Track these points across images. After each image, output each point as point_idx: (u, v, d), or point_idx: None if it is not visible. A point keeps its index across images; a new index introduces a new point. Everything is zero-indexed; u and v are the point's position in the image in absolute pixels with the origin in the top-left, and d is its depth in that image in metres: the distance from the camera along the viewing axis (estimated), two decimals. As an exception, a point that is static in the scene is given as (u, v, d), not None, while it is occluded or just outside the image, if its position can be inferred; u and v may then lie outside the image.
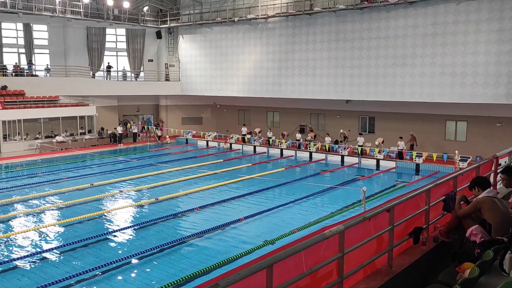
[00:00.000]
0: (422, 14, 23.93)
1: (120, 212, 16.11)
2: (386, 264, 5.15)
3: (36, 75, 32.43)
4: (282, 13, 29.39)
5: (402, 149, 25.26)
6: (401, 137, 25.56)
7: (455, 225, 5.85)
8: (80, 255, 11.94)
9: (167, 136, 34.36)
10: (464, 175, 6.93)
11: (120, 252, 12.23)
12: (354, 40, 26.67)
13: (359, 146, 26.60)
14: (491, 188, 5.75)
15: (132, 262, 11.46)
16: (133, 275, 10.86)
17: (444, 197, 6.21)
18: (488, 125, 24.10)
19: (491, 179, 7.52)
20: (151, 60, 37.04)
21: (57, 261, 11.60)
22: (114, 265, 11.15)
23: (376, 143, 26.47)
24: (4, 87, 29.74)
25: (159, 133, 34.18)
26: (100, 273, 10.69)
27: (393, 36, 25.12)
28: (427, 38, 23.91)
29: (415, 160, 24.23)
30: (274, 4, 30.00)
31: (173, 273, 10.58)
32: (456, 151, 23.21)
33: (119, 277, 10.68)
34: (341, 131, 28.58)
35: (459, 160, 22.62)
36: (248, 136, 32.10)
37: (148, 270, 11.09)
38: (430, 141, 25.86)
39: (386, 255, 5.13)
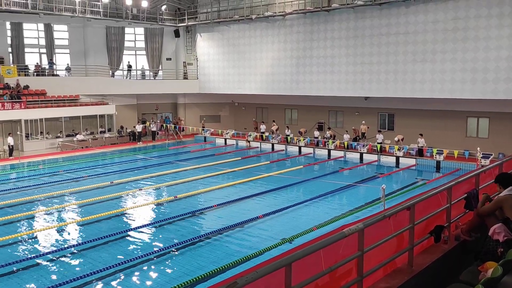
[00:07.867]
0: (443, 9, 23.54)
1: (140, 210, 16.26)
2: (406, 263, 5.08)
3: (57, 75, 32.99)
4: (300, 10, 29.24)
5: (422, 146, 24.94)
6: (421, 134, 25.23)
7: (477, 223, 5.75)
8: (100, 252, 12.08)
9: (178, 132, 34.56)
10: (486, 173, 6.81)
11: (139, 249, 12.32)
12: (372, 37, 26.39)
13: (378, 143, 26.34)
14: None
15: (151, 259, 11.54)
16: (151, 272, 10.93)
17: (466, 195, 6.10)
18: None
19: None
20: (170, 59, 37.32)
21: (77, 258, 11.74)
22: (133, 262, 11.26)
23: (396, 139, 26.21)
24: (26, 87, 30.30)
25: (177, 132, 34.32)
26: (119, 270, 10.80)
27: (413, 32, 24.77)
28: (448, 33, 23.52)
29: (435, 158, 23.89)
30: (291, 1, 29.86)
31: (191, 271, 10.63)
32: (478, 148, 22.80)
33: (138, 274, 10.77)
34: (363, 122, 28.43)
35: (481, 157, 22.23)
36: (266, 133, 32.07)
37: (167, 267, 11.16)
38: (451, 138, 25.44)
39: (407, 254, 5.07)
